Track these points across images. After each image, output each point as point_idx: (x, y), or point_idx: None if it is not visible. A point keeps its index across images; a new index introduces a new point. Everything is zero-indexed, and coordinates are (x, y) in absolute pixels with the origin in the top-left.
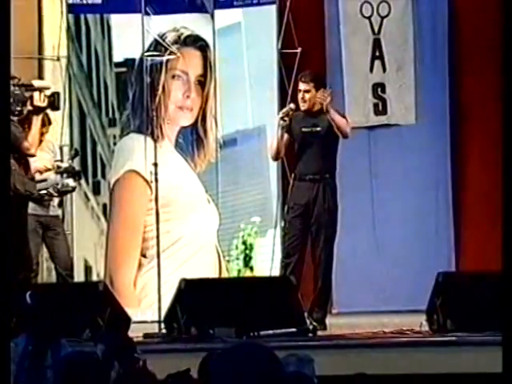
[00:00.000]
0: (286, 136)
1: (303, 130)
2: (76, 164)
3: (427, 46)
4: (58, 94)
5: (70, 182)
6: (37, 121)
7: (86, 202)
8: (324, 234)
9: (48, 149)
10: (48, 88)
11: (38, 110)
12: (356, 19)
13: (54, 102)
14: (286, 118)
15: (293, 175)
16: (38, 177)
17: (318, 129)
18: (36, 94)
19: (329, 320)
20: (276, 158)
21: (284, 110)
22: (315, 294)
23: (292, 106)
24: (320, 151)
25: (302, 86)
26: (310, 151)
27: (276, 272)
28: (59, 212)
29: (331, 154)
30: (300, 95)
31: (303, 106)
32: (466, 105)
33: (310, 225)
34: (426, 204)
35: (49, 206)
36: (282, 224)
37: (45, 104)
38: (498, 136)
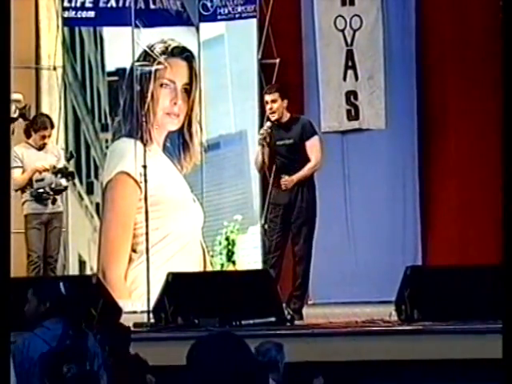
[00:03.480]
0: (267, 150)
1: (277, 143)
2: (71, 166)
3: (396, 56)
4: (29, 106)
5: (63, 181)
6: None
7: (80, 201)
8: (303, 233)
9: (52, 153)
10: (19, 101)
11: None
12: (330, 32)
13: (25, 114)
14: (265, 137)
15: (272, 178)
16: (36, 176)
17: (291, 141)
18: None
19: (305, 310)
20: (261, 170)
21: (262, 131)
22: (294, 286)
23: (268, 124)
24: (296, 157)
25: (268, 98)
26: (287, 158)
27: (256, 266)
28: (59, 209)
29: (307, 157)
30: (268, 107)
31: (273, 117)
32: (431, 110)
33: (290, 223)
34: (394, 203)
35: (47, 204)
36: (263, 222)
37: (16, 115)
38: (461, 139)
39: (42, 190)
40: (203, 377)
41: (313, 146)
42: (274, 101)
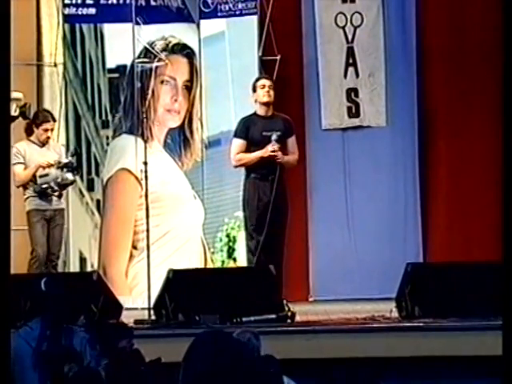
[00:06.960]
0: (242, 143)
1: (264, 133)
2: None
3: (397, 53)
4: (29, 105)
5: (69, 175)
6: None
7: (80, 198)
8: (278, 227)
9: (54, 150)
10: (20, 99)
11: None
12: (331, 29)
13: (25, 112)
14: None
15: (245, 173)
16: (40, 172)
17: (279, 133)
18: None
19: (305, 307)
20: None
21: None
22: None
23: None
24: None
25: (267, 82)
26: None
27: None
28: (61, 206)
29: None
30: (265, 90)
31: (266, 98)
32: (432, 107)
33: (265, 218)
34: (395, 200)
35: (51, 201)
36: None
37: (16, 114)
38: (461, 136)
39: (46, 186)
40: (197, 374)
41: (294, 144)
42: (271, 86)
